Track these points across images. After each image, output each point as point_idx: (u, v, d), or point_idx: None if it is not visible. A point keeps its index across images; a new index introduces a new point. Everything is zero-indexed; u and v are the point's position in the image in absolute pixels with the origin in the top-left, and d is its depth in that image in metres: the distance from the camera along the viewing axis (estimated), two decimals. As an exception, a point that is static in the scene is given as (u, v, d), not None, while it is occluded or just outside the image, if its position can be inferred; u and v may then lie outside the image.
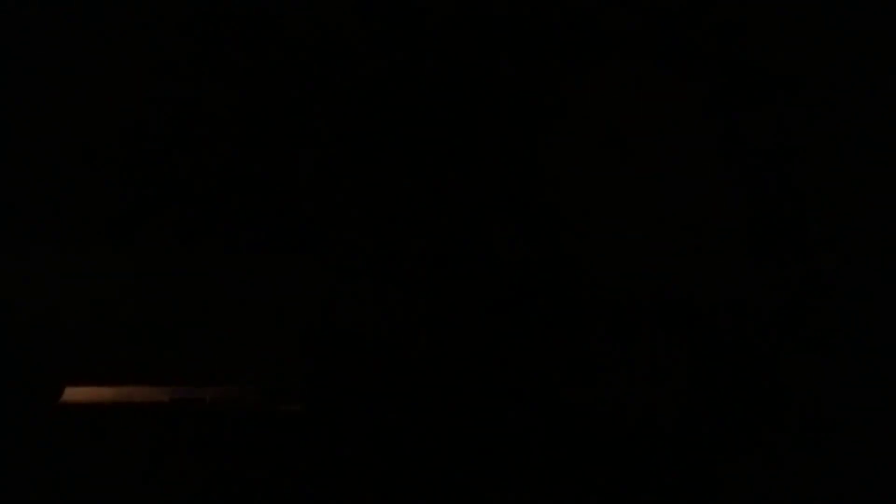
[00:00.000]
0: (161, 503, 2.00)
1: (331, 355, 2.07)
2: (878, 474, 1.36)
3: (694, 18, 1.55)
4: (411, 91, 1.87)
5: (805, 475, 1.33)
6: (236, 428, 2.10)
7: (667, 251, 1.24)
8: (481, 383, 1.37)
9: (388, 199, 1.97)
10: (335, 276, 2.16)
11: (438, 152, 1.76)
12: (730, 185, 1.38)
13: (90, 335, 2.28)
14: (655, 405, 1.27)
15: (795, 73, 1.76)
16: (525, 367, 1.35)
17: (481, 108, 1.55)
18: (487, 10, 1.72)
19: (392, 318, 1.97)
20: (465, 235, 1.57)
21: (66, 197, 2.19)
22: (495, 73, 1.55)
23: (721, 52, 1.45)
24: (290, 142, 2.14)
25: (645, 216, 1.23)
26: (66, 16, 2.06)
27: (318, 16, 2.04)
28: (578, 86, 1.31)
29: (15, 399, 2.18)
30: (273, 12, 2.08)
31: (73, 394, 2.40)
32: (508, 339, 1.40)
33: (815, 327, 1.71)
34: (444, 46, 1.81)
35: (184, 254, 2.25)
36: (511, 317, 1.40)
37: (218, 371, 2.24)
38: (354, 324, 2.11)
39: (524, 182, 1.33)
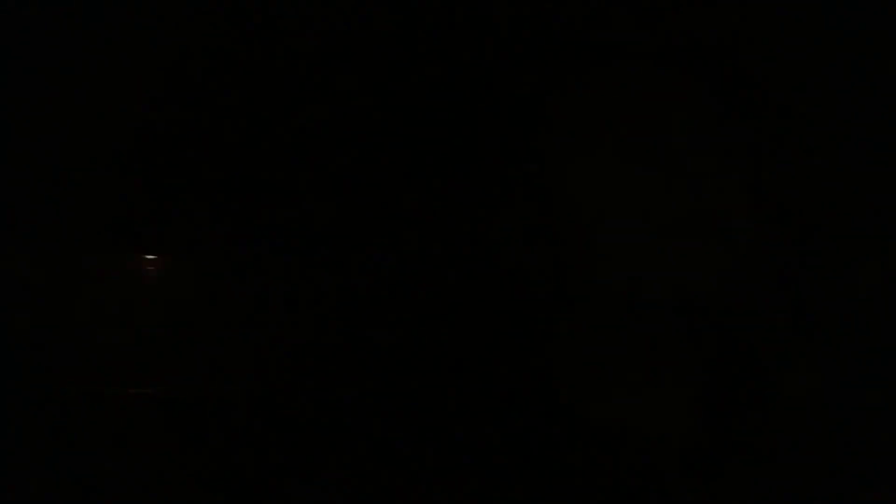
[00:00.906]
0: (159, 502, 2.01)
1: (329, 355, 2.08)
2: (878, 475, 1.37)
3: (695, 18, 1.55)
4: (410, 91, 1.87)
5: (805, 476, 1.33)
6: (235, 427, 2.12)
7: (668, 252, 1.24)
8: (481, 385, 1.37)
9: (388, 199, 1.98)
10: (334, 276, 2.17)
11: (438, 153, 1.77)
12: (731, 184, 1.38)
13: (88, 335, 2.29)
14: (659, 408, 1.28)
15: (796, 73, 1.77)
16: (525, 370, 1.35)
17: (482, 109, 1.56)
18: (487, 11, 1.73)
19: (390, 317, 1.98)
20: (465, 237, 1.57)
21: (66, 197, 2.20)
22: (496, 73, 1.55)
23: (722, 53, 1.46)
24: (289, 142, 2.15)
25: (645, 217, 1.24)
26: (65, 16, 2.07)
27: (316, 16, 2.05)
28: (580, 86, 1.31)
29: (14, 399, 2.20)
30: (273, 12, 2.09)
31: (72, 394, 2.42)
32: (508, 341, 1.41)
33: (817, 328, 1.71)
34: (443, 47, 1.81)
35: (182, 254, 2.27)
36: (511, 319, 1.40)
37: (217, 370, 2.26)
38: (353, 323, 2.12)
39: (524, 182, 1.34)
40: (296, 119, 2.09)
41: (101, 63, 2.07)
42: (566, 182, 1.23)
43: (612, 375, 1.26)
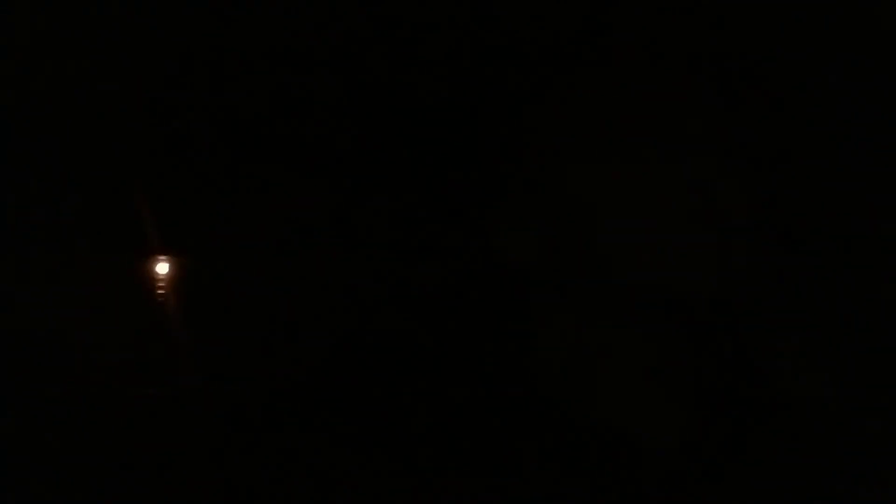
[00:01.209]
0: (158, 501, 2.00)
1: (327, 354, 2.08)
2: (878, 475, 1.37)
3: (694, 18, 1.55)
4: (413, 91, 1.87)
5: (805, 476, 1.33)
6: (233, 426, 2.11)
7: (668, 252, 1.24)
8: (479, 384, 1.37)
9: (389, 199, 1.97)
10: (335, 277, 2.17)
11: (440, 153, 1.76)
12: (731, 184, 1.38)
13: (87, 333, 2.29)
14: (658, 407, 1.27)
15: (796, 73, 1.76)
16: (523, 369, 1.35)
17: (482, 108, 1.56)
18: (488, 11, 1.73)
19: (387, 315, 1.98)
20: (466, 237, 1.57)
21: (70, 198, 2.20)
22: (496, 72, 1.55)
23: (721, 52, 1.45)
24: (288, 144, 2.15)
25: (646, 216, 1.23)
26: (67, 16, 2.07)
27: (315, 18, 2.05)
28: (579, 86, 1.31)
29: (16, 399, 2.19)
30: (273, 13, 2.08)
31: (72, 392, 2.41)
32: (506, 340, 1.40)
33: (817, 328, 1.71)
34: (444, 47, 1.81)
35: (186, 255, 2.27)
36: (509, 318, 1.40)
37: (216, 369, 2.25)
38: (351, 322, 2.12)
39: (523, 182, 1.34)
40: (298, 120, 2.09)
41: (104, 63, 2.07)
42: (566, 181, 1.23)
43: (611, 375, 1.26)
